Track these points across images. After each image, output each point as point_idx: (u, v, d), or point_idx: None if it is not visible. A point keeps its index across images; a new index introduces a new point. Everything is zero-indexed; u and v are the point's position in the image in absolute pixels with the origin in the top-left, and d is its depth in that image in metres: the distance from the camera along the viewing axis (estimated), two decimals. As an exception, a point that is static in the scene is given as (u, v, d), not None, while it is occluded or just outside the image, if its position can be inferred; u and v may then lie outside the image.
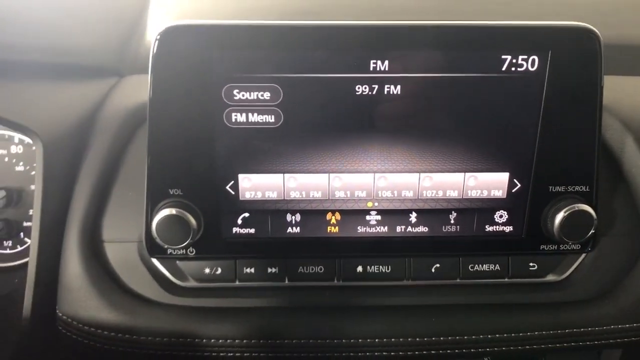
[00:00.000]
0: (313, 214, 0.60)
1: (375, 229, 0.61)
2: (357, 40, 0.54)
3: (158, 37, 0.53)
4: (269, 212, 0.60)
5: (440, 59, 0.54)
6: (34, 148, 0.62)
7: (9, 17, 0.58)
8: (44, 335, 0.63)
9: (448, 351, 0.62)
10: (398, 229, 0.61)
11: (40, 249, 0.61)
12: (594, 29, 0.54)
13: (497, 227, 0.62)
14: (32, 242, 0.61)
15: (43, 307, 0.62)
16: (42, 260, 0.61)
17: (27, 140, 0.71)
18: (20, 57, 0.61)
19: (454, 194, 0.60)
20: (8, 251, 0.73)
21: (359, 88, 0.55)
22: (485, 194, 0.60)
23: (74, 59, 0.72)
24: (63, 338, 0.62)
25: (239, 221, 0.60)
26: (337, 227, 0.61)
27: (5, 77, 0.60)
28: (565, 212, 0.58)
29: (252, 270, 0.62)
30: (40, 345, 0.64)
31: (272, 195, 0.59)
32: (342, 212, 0.60)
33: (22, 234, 0.73)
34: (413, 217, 0.61)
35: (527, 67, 0.55)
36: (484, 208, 0.61)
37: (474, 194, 0.60)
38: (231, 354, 0.61)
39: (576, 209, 0.58)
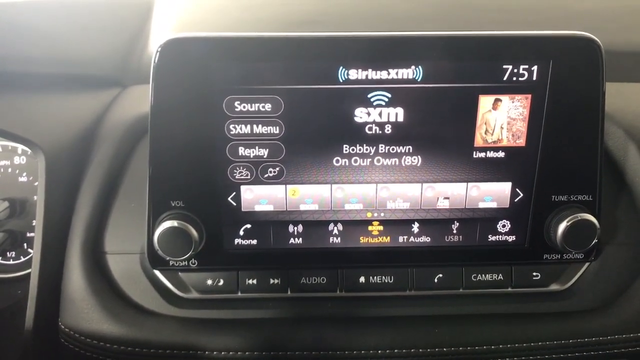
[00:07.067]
0: (315, 224, 0.60)
1: (378, 239, 0.61)
2: (357, 52, 0.54)
3: (159, 49, 0.53)
4: (271, 223, 0.60)
5: (442, 68, 0.54)
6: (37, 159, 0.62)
7: (10, 29, 0.58)
8: (46, 347, 0.63)
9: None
10: (400, 239, 0.61)
11: (42, 260, 0.61)
12: (595, 38, 0.54)
13: (500, 236, 0.61)
14: (34, 253, 0.61)
15: (45, 318, 0.62)
16: (45, 271, 0.61)
17: (31, 151, 0.71)
18: (22, 68, 0.62)
19: (456, 204, 0.60)
20: (11, 262, 0.73)
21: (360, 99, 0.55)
22: (487, 204, 0.60)
23: (76, 70, 0.72)
24: (65, 350, 0.62)
25: (241, 232, 0.60)
26: (339, 238, 0.61)
27: (6, 89, 0.60)
28: (568, 222, 0.58)
29: (254, 281, 0.62)
30: (42, 358, 0.64)
31: (274, 206, 0.59)
32: (344, 222, 0.60)
33: (25, 244, 0.73)
34: (415, 228, 0.61)
35: (528, 76, 0.55)
36: (487, 218, 0.61)
37: (476, 203, 0.60)
38: (233, 366, 0.60)
39: (579, 218, 0.58)
